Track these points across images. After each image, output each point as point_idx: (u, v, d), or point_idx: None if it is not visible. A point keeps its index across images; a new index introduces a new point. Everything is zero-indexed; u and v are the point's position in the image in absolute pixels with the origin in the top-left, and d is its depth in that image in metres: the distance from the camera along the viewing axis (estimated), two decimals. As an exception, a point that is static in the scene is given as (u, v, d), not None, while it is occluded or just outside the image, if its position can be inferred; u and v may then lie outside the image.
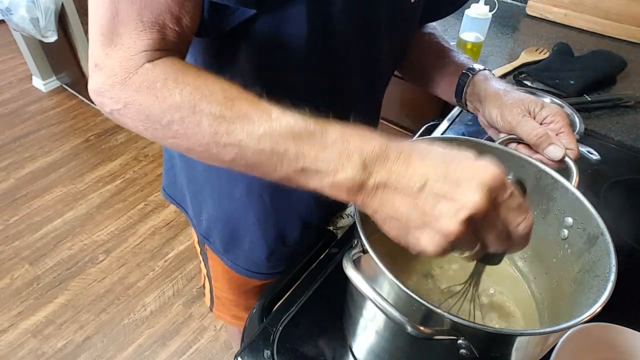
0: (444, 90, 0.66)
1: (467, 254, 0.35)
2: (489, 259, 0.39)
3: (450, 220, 0.31)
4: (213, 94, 0.36)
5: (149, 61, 0.37)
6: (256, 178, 0.58)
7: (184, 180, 0.71)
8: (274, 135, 0.34)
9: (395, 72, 0.72)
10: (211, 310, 0.90)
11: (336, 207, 0.75)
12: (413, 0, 0.56)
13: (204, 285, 0.88)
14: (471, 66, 0.62)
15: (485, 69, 0.61)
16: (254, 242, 0.68)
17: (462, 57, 0.65)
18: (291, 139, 0.34)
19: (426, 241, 0.32)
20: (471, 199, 0.31)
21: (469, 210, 0.31)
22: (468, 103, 0.62)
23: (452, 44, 0.70)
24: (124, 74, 0.37)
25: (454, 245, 0.32)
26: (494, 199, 0.31)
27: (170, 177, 0.76)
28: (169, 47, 0.39)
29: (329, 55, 0.51)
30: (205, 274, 0.84)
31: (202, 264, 0.83)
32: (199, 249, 0.81)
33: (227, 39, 0.47)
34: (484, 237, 0.33)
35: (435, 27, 0.72)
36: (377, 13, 0.52)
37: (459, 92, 0.62)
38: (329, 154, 0.34)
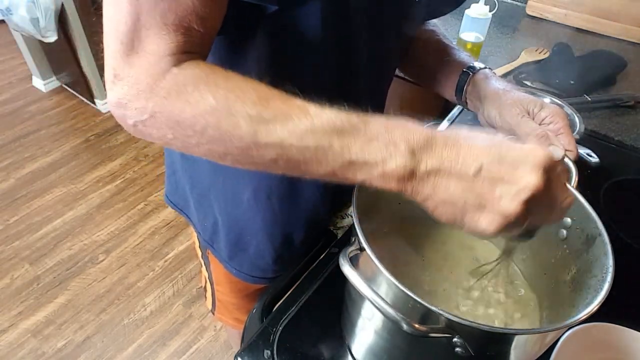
0: (445, 88, 0.66)
1: (514, 232, 0.36)
2: (526, 234, 0.40)
3: (511, 202, 0.32)
4: (246, 94, 0.35)
5: (175, 65, 0.36)
6: (263, 181, 0.60)
7: (187, 186, 0.70)
8: (316, 131, 0.34)
9: (396, 72, 0.72)
10: (213, 313, 0.89)
11: (340, 205, 0.74)
12: None
13: (205, 288, 0.87)
14: (472, 64, 0.62)
15: (485, 68, 0.61)
16: (260, 247, 0.67)
17: (463, 55, 0.65)
18: (335, 133, 0.34)
19: (486, 223, 0.33)
20: (530, 181, 0.32)
21: (529, 192, 0.32)
22: (468, 102, 0.62)
23: (452, 43, 0.70)
24: (150, 80, 0.35)
25: (512, 225, 0.33)
26: (548, 179, 0.33)
27: (172, 183, 0.75)
28: (194, 49, 0.37)
29: (341, 53, 0.50)
30: (207, 278, 0.83)
31: (204, 268, 0.83)
32: (200, 253, 0.81)
33: (239, 35, 0.46)
34: (535, 215, 0.34)
35: (437, 25, 0.72)
36: (383, 10, 0.52)
37: (459, 91, 0.62)
38: (375, 144, 0.34)
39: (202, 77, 0.35)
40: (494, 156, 0.33)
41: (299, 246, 0.69)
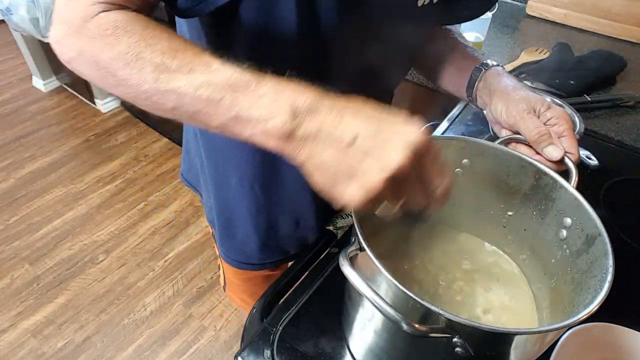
0: (456, 84, 0.67)
1: (391, 207, 0.37)
2: (415, 216, 0.41)
3: (374, 177, 0.33)
4: (158, 43, 0.37)
5: (104, 11, 0.38)
6: (248, 168, 0.61)
7: (199, 165, 0.72)
8: (211, 85, 0.36)
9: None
10: (224, 290, 0.92)
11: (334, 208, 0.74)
12: (420, 4, 0.54)
13: (219, 265, 0.90)
14: (485, 61, 0.63)
15: (498, 65, 0.62)
16: (246, 234, 0.70)
17: (477, 53, 0.66)
18: (227, 88, 0.35)
19: (351, 193, 0.34)
20: (394, 159, 0.33)
21: (392, 169, 0.33)
22: (477, 98, 0.64)
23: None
24: (81, 22, 0.38)
25: (377, 198, 0.34)
26: (416, 161, 0.34)
27: (187, 161, 0.79)
28: (128, 3, 0.40)
29: (320, 51, 0.50)
30: (219, 255, 0.86)
31: (215, 246, 0.86)
32: (211, 231, 0.84)
33: (221, 22, 0.47)
34: (405, 193, 0.36)
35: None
36: (374, 13, 0.51)
37: (470, 86, 0.63)
38: (262, 102, 0.35)
39: (122, 22, 0.38)
40: (371, 128, 0.34)
41: (285, 236, 0.71)
